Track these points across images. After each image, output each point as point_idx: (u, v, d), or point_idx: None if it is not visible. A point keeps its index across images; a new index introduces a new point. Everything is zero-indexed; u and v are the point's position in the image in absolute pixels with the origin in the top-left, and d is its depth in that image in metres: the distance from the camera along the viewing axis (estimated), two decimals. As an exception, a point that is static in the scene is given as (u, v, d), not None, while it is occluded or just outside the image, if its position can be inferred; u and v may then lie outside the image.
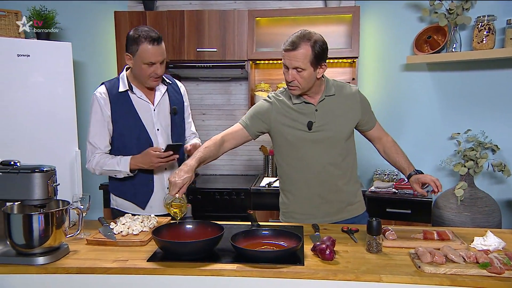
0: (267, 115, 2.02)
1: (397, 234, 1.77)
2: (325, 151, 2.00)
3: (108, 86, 2.12)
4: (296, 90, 1.92)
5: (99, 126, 2.10)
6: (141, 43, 1.97)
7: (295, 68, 1.84)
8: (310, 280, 1.44)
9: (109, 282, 1.50)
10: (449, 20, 3.05)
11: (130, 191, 2.18)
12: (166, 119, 2.21)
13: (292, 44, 1.83)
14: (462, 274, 1.39)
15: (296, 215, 2.09)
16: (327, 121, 1.98)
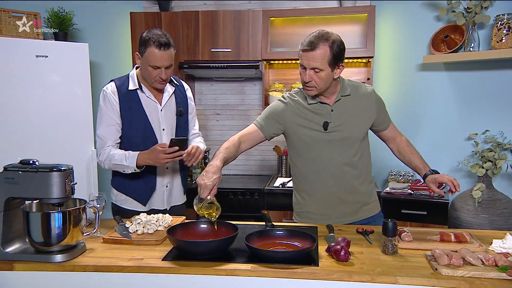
0: (282, 116, 2.01)
1: (413, 236, 1.75)
2: (341, 151, 1.99)
3: (118, 84, 2.16)
4: (312, 91, 1.91)
5: (109, 120, 2.12)
6: (149, 46, 2.01)
7: (312, 68, 1.83)
8: (324, 281, 1.44)
9: (125, 280, 1.51)
10: (467, 19, 3.01)
11: (132, 188, 2.21)
12: (172, 119, 2.24)
13: (310, 44, 1.81)
14: (481, 277, 1.37)
15: (311, 215, 2.08)
16: (342, 121, 1.97)
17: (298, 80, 3.65)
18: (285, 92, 2.15)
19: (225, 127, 3.90)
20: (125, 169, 2.09)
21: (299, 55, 1.88)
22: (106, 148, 2.11)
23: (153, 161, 2.04)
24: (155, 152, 2.01)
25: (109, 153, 2.09)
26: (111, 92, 2.12)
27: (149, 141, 2.15)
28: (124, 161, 2.06)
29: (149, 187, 2.22)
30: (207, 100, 3.88)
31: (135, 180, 2.18)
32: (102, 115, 2.14)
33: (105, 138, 2.12)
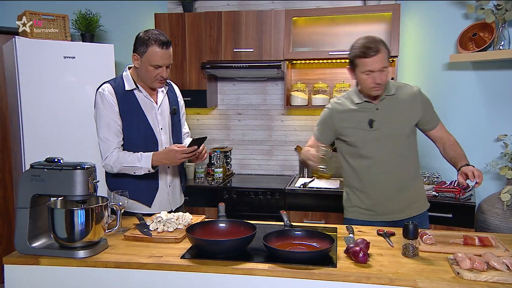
0: (330, 121, 2.16)
1: (436, 239, 1.72)
2: (389, 149, 2.07)
3: (113, 85, 2.12)
4: (380, 89, 2.01)
5: (110, 121, 2.07)
6: (150, 45, 2.00)
7: (381, 69, 1.95)
8: (342, 283, 1.43)
9: (144, 277, 1.54)
10: (497, 16, 2.91)
11: (134, 191, 2.12)
12: (167, 118, 2.24)
13: (374, 49, 1.94)
14: (505, 283, 1.33)
15: (360, 210, 2.15)
16: (387, 119, 2.06)
17: (321, 80, 3.65)
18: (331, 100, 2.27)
19: (247, 127, 3.91)
20: (137, 170, 2.06)
21: (363, 64, 1.95)
22: (113, 151, 2.07)
23: (170, 161, 2.05)
24: (172, 152, 2.02)
25: (118, 156, 2.05)
26: (108, 93, 2.07)
27: (149, 141, 2.15)
28: (138, 163, 2.03)
29: (152, 188, 2.20)
30: (229, 100, 3.90)
31: (137, 182, 2.14)
32: (101, 117, 2.08)
33: (109, 140, 2.08)
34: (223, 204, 1.98)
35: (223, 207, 1.94)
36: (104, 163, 2.09)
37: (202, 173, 3.57)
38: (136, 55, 2.06)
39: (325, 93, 3.50)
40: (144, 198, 2.18)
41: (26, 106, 2.93)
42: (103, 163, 2.09)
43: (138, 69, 2.10)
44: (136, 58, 2.07)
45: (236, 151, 3.91)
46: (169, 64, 2.08)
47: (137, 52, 2.05)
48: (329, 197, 3.18)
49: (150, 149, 2.12)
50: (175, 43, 3.56)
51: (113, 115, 2.08)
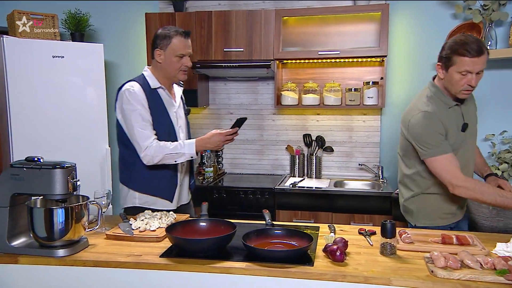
0: (444, 132, 1.95)
1: (415, 238, 1.73)
2: (471, 151, 2.08)
3: (140, 82, 2.16)
4: (470, 93, 1.95)
5: (144, 115, 2.10)
6: (173, 37, 2.10)
7: (479, 71, 1.87)
8: (318, 281, 1.43)
9: (122, 276, 1.55)
10: (484, 16, 2.93)
11: (156, 187, 2.20)
12: (183, 118, 2.33)
13: (480, 50, 1.84)
14: (477, 281, 1.34)
15: (443, 216, 2.07)
16: (469, 121, 2.03)
17: (312, 79, 3.66)
18: (424, 108, 1.98)
19: None
20: (180, 158, 2.09)
21: (465, 63, 1.84)
22: (152, 142, 2.07)
23: (213, 145, 2.11)
24: (216, 135, 2.08)
25: (159, 146, 2.07)
26: (138, 90, 2.11)
27: (172, 138, 2.19)
28: (180, 149, 2.08)
29: (173, 184, 2.25)
30: (221, 100, 3.91)
31: (159, 179, 2.20)
32: (135, 111, 2.08)
33: (146, 132, 2.08)
34: (206, 203, 1.99)
35: (205, 206, 1.95)
36: (144, 154, 2.07)
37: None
38: (159, 50, 2.13)
39: (315, 93, 3.51)
40: (166, 193, 2.24)
41: (14, 106, 2.93)
42: (142, 154, 2.08)
43: (162, 64, 2.16)
44: (159, 53, 2.14)
45: (227, 151, 3.92)
46: (191, 54, 2.18)
47: (160, 47, 2.13)
48: (318, 197, 3.19)
49: None
50: (166, 43, 3.56)
51: (145, 111, 2.11)
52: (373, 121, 3.62)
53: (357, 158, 3.67)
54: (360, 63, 3.52)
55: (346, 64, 3.57)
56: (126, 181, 2.25)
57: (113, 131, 3.95)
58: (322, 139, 3.67)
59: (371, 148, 3.64)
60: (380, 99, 3.35)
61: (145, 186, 2.21)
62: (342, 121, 3.69)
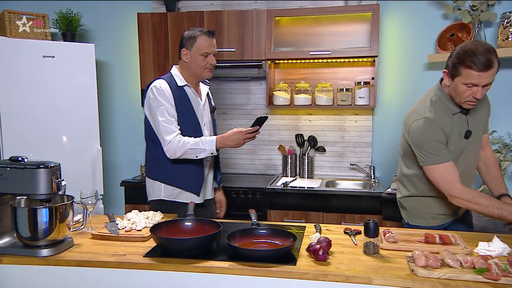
0: (444, 140, 1.92)
1: (399, 237, 1.74)
2: (474, 157, 2.02)
3: (168, 80, 2.23)
4: (474, 105, 1.86)
5: (171, 111, 2.17)
6: (198, 37, 2.20)
7: (487, 84, 1.78)
8: (299, 280, 1.44)
9: (106, 276, 1.56)
10: (473, 17, 2.94)
11: (183, 179, 2.26)
12: (208, 115, 2.40)
13: (489, 63, 1.72)
14: (456, 279, 1.35)
15: (436, 216, 2.06)
16: (474, 127, 1.96)
17: (304, 79, 3.67)
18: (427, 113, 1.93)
19: (231, 127, 3.83)
20: (200, 153, 2.14)
21: (472, 76, 1.74)
22: (176, 137, 2.13)
23: (234, 143, 2.14)
24: (236, 134, 2.12)
25: (181, 140, 2.12)
26: (164, 88, 2.18)
27: (197, 134, 2.24)
28: (202, 145, 2.12)
29: (200, 178, 2.31)
30: (214, 99, 3.83)
31: (187, 173, 2.26)
32: (161, 106, 2.15)
33: (170, 127, 2.14)
34: (193, 203, 2.00)
35: (192, 206, 1.96)
36: (167, 147, 2.14)
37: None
38: (186, 50, 2.23)
39: (307, 93, 3.52)
40: (194, 187, 2.29)
41: (4, 106, 2.94)
42: (166, 148, 2.14)
43: (188, 63, 2.24)
44: (185, 53, 2.23)
45: (220, 151, 3.91)
46: (216, 53, 2.26)
47: (186, 47, 2.22)
48: (309, 196, 3.20)
49: None
50: (158, 44, 3.57)
51: (171, 107, 2.18)
52: (365, 121, 3.63)
53: (349, 158, 3.68)
54: (352, 63, 3.53)
55: (338, 64, 3.58)
56: (153, 174, 2.31)
57: (104, 131, 3.99)
58: (315, 139, 3.68)
59: (363, 148, 3.65)
60: (372, 99, 3.36)
61: (172, 178, 2.27)
62: (334, 121, 3.70)
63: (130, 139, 4.04)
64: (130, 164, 4.00)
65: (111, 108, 4.01)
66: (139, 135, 3.98)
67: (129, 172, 3.94)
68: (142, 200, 3.46)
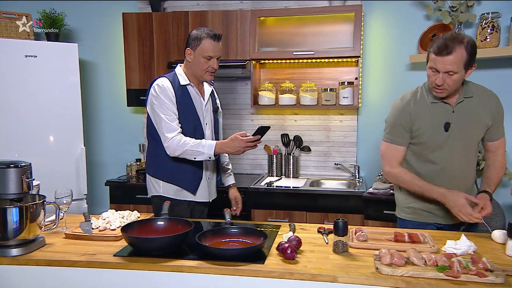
0: (406, 120, 1.97)
1: (370, 236, 1.75)
2: (458, 156, 1.97)
3: (170, 79, 2.24)
4: (443, 93, 1.87)
5: (172, 109, 2.17)
6: (204, 38, 2.19)
7: (447, 71, 1.79)
8: (266, 279, 1.45)
9: (75, 275, 1.56)
10: (453, 17, 2.96)
11: (181, 178, 2.27)
12: (210, 115, 2.39)
13: (446, 48, 1.75)
14: (418, 277, 1.36)
15: (418, 211, 2.07)
16: (462, 123, 1.93)
17: (289, 79, 3.68)
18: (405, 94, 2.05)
19: None
20: (198, 156, 2.14)
21: (431, 59, 1.81)
22: (176, 135, 2.14)
23: (233, 150, 2.12)
24: (236, 141, 2.09)
25: (181, 140, 2.13)
26: (167, 86, 2.19)
27: (198, 133, 2.25)
28: (201, 148, 2.12)
29: (197, 177, 2.30)
30: (199, 100, 3.92)
31: (185, 171, 2.26)
32: (163, 104, 2.16)
33: (172, 124, 2.15)
34: (168, 202, 2.01)
35: (167, 206, 1.96)
36: (167, 144, 2.15)
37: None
38: (190, 49, 2.23)
39: (292, 93, 3.53)
40: (190, 186, 2.29)
41: (-15, 105, 2.93)
42: (166, 144, 2.15)
43: (191, 63, 2.25)
44: (189, 52, 2.23)
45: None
46: (219, 57, 2.25)
47: (191, 47, 2.22)
48: (293, 196, 3.21)
49: None
50: (143, 43, 3.58)
51: (173, 106, 2.19)
52: (350, 121, 3.65)
53: (334, 158, 3.69)
54: (337, 63, 3.54)
55: (323, 64, 3.59)
56: (152, 171, 2.32)
57: (90, 131, 3.98)
58: (300, 139, 3.69)
59: (348, 148, 3.67)
60: (355, 99, 3.38)
61: (170, 176, 2.27)
62: (319, 121, 3.71)
63: (116, 139, 4.05)
64: (116, 163, 4.00)
65: (97, 107, 4.01)
66: (126, 135, 4.03)
67: (115, 171, 3.94)
68: (127, 199, 3.49)
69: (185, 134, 2.19)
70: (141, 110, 4.00)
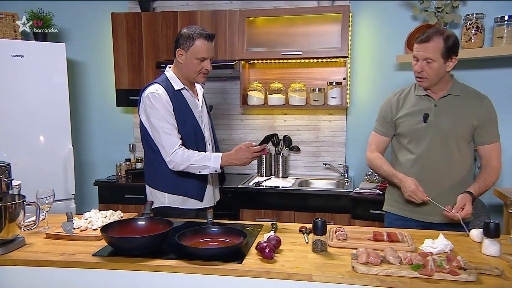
0: (388, 110, 2.14)
1: (351, 235, 1.76)
2: (436, 148, 2.01)
3: (164, 85, 2.11)
4: (424, 82, 1.98)
5: (170, 120, 2.07)
6: (196, 39, 2.06)
7: (425, 59, 1.92)
8: (243, 278, 1.46)
9: (54, 275, 1.56)
10: (439, 18, 2.98)
11: (185, 187, 2.17)
12: (206, 115, 2.32)
13: (425, 37, 1.92)
14: (393, 275, 1.37)
15: (397, 204, 2.15)
16: (443, 118, 2.00)
17: (278, 79, 3.69)
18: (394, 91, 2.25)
19: None
20: (204, 169, 2.05)
21: (414, 48, 1.96)
22: (178, 149, 2.04)
23: (240, 161, 2.02)
24: (242, 151, 2.01)
25: (184, 154, 2.03)
26: (162, 93, 2.07)
27: (198, 137, 2.20)
28: (206, 162, 2.03)
29: (202, 184, 2.23)
30: (189, 100, 3.92)
31: (188, 180, 2.16)
32: (160, 115, 2.05)
33: (172, 137, 2.05)
34: (151, 202, 2.01)
35: (149, 205, 1.97)
36: (169, 159, 2.05)
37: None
38: (181, 50, 2.10)
39: (281, 93, 3.54)
40: (197, 194, 2.22)
41: (-28, 105, 2.93)
42: (168, 159, 2.05)
43: (182, 65, 2.13)
44: (180, 53, 2.11)
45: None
46: (212, 57, 2.15)
47: (182, 47, 2.09)
48: (281, 196, 3.22)
49: (200, 145, 2.18)
50: (132, 43, 3.58)
51: (170, 114, 2.08)
52: (339, 121, 3.67)
53: (323, 158, 3.71)
54: (326, 63, 3.56)
55: (312, 65, 3.61)
56: (154, 183, 2.20)
57: (79, 130, 3.98)
58: (289, 139, 3.70)
59: (337, 148, 3.68)
60: (343, 99, 3.39)
61: (174, 187, 2.16)
62: (309, 121, 3.72)
63: (106, 139, 4.04)
64: (106, 163, 4.00)
65: (86, 107, 4.01)
66: (116, 135, 4.02)
67: (105, 171, 3.94)
68: (116, 199, 3.49)
69: (186, 141, 2.11)
70: (131, 110, 4.00)
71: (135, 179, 3.58)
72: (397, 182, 2.02)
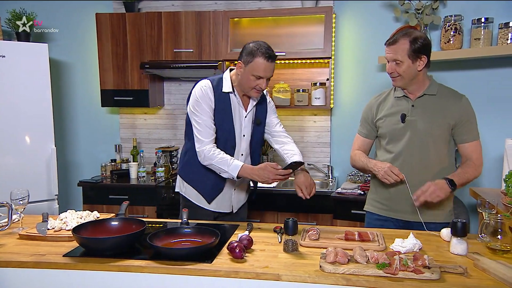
0: (369, 113, 2.20)
1: (324, 235, 1.77)
2: (414, 147, 2.04)
3: (214, 84, 2.17)
4: (397, 81, 2.04)
5: (208, 115, 2.12)
6: (257, 56, 2.05)
7: (393, 60, 1.99)
8: (212, 278, 1.47)
9: (24, 276, 1.56)
10: (419, 19, 3.00)
11: (202, 183, 2.23)
12: (250, 127, 2.28)
13: (393, 39, 2.01)
14: (358, 274, 1.39)
15: (376, 204, 2.18)
16: (420, 118, 2.03)
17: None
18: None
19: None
20: (222, 173, 2.10)
21: (385, 50, 2.05)
22: (208, 144, 2.10)
23: (261, 179, 2.03)
24: (266, 171, 2.01)
25: (210, 151, 2.09)
26: (209, 90, 2.14)
27: (229, 144, 2.20)
28: (226, 167, 2.06)
29: (216, 188, 2.24)
30: (176, 100, 3.93)
31: (206, 177, 2.21)
32: (202, 108, 2.12)
33: (208, 129, 2.11)
34: (127, 202, 2.01)
35: (125, 206, 1.97)
36: (199, 150, 2.12)
37: (144, 172, 3.58)
38: (241, 63, 2.11)
39: (265, 94, 3.55)
40: (207, 194, 2.24)
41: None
42: (198, 150, 2.13)
43: (239, 76, 2.15)
44: (240, 66, 2.12)
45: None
46: (270, 77, 2.14)
47: (243, 61, 2.10)
48: (264, 196, 3.22)
49: (228, 152, 2.16)
50: (117, 44, 3.57)
51: (210, 110, 2.14)
52: (324, 122, 3.68)
53: (309, 158, 3.71)
54: (310, 64, 3.57)
55: (296, 65, 3.62)
56: (180, 167, 2.34)
57: (64, 131, 3.97)
58: (274, 139, 3.70)
59: (322, 148, 3.70)
60: (327, 99, 3.41)
61: (191, 178, 2.26)
62: (294, 122, 3.73)
63: (91, 139, 4.03)
64: (91, 163, 3.99)
65: (71, 108, 3.99)
66: (101, 135, 4.01)
67: (90, 171, 3.93)
68: (100, 200, 3.48)
69: (217, 143, 2.15)
70: (116, 110, 3.99)
71: (120, 180, 3.58)
72: (372, 167, 2.06)
